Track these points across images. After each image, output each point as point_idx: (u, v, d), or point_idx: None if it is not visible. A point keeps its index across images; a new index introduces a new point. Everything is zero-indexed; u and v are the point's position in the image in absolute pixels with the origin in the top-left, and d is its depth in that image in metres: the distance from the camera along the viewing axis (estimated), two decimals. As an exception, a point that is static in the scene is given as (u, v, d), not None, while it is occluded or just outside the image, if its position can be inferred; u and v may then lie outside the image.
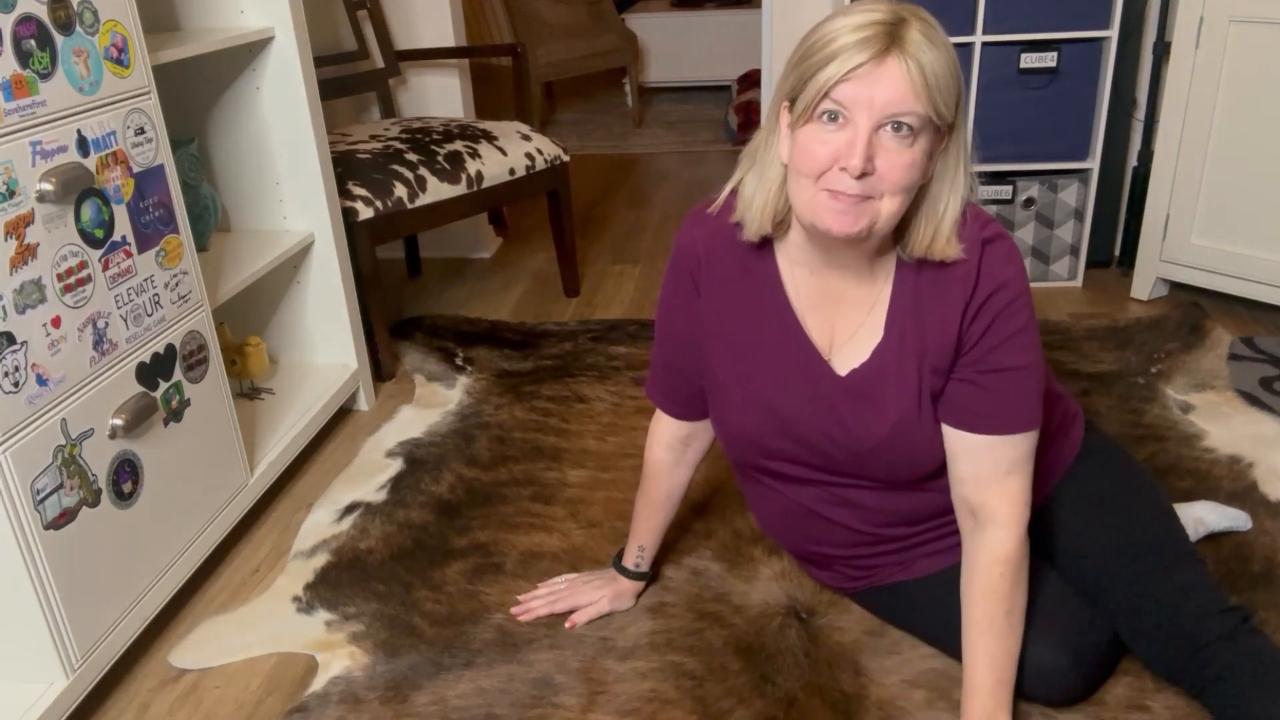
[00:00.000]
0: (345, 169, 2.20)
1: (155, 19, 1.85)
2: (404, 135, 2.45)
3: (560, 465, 1.91)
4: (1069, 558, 1.29)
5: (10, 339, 1.20)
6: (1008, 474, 1.17)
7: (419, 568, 1.62)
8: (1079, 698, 1.25)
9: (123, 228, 1.40)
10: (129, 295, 1.42)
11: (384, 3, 2.87)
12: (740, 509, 1.70)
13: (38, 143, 1.24)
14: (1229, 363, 2.15)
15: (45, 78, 1.25)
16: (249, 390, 2.04)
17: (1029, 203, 2.58)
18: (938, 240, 1.12)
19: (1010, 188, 2.57)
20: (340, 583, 1.60)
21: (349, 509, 1.80)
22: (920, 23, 1.03)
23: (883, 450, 1.21)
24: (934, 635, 1.35)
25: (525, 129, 2.61)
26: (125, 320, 1.41)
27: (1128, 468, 1.36)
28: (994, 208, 2.58)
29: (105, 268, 1.36)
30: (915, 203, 1.11)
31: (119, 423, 1.37)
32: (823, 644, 1.40)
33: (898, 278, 1.19)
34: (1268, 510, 1.63)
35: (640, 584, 1.51)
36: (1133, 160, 2.65)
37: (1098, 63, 2.43)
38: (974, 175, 1.13)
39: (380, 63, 2.85)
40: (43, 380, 1.25)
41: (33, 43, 1.23)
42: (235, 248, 1.96)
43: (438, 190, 2.31)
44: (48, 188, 1.24)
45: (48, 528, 1.26)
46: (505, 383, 2.25)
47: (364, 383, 2.18)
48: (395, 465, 1.94)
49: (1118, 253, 2.75)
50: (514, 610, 1.50)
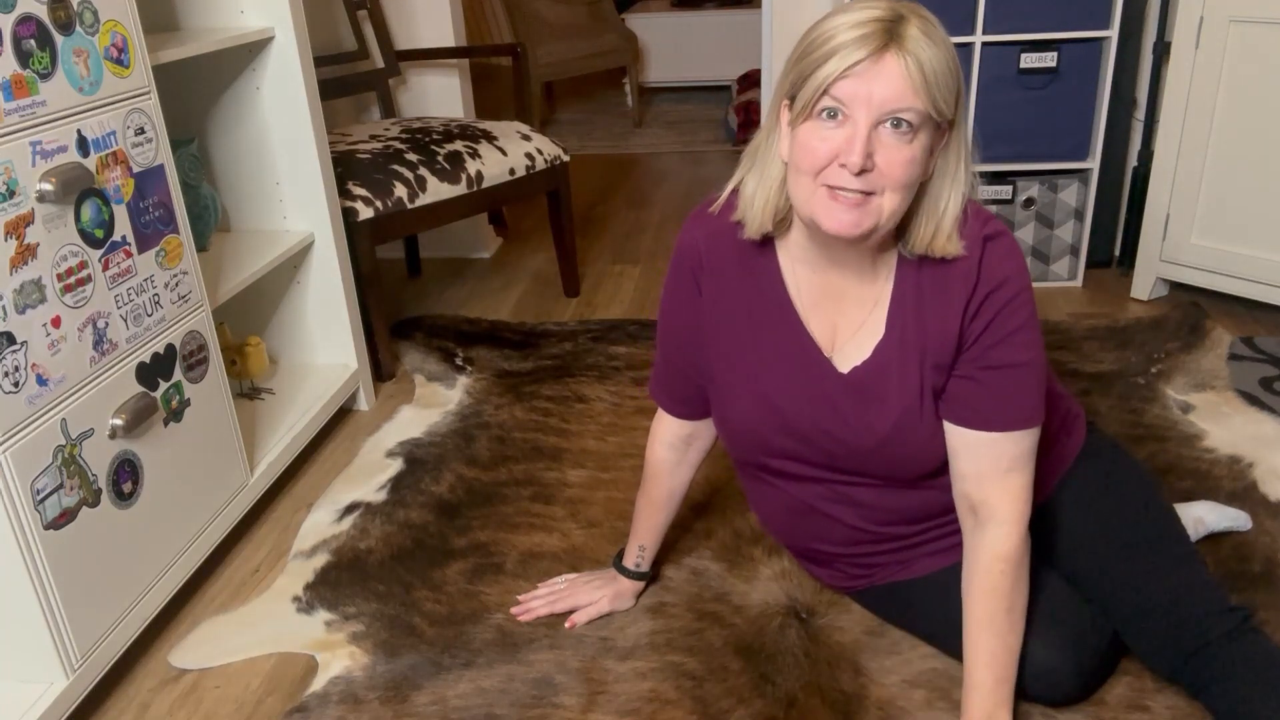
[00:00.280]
0: (345, 169, 2.20)
1: (155, 19, 1.85)
2: (404, 135, 2.45)
3: (560, 465, 1.91)
4: (1069, 558, 1.29)
5: (10, 339, 1.20)
6: (1009, 471, 1.17)
7: (419, 568, 1.62)
8: (1079, 698, 1.25)
9: (123, 228, 1.40)
10: (129, 295, 1.42)
11: (384, 3, 2.87)
12: (740, 509, 1.70)
13: (38, 143, 1.24)
14: (1229, 363, 2.15)
15: (45, 78, 1.25)
16: (249, 390, 2.04)
17: (1029, 203, 2.58)
18: (939, 237, 1.12)
19: (1010, 188, 2.57)
20: (340, 583, 1.60)
21: (349, 509, 1.80)
22: (919, 20, 1.03)
23: (884, 447, 1.21)
24: (934, 635, 1.35)
25: (525, 129, 2.61)
26: (125, 320, 1.41)
27: (1128, 468, 1.36)
28: (994, 208, 2.58)
29: (105, 268, 1.36)
30: (916, 199, 1.11)
31: (119, 423, 1.37)
32: (823, 644, 1.40)
33: (899, 275, 1.19)
34: (1268, 510, 1.63)
35: (640, 584, 1.51)
36: (1133, 160, 2.65)
37: (1098, 63, 2.43)
38: (975, 173, 1.14)
39: (380, 63, 2.85)
40: (43, 380, 1.25)
41: (33, 43, 1.23)
42: (235, 248, 1.96)
43: (438, 190, 2.31)
44: (48, 188, 1.24)
45: (48, 528, 1.26)
46: (505, 383, 2.25)
47: (364, 383, 2.18)
48: (395, 465, 1.94)
49: (1118, 253, 2.75)
50: (514, 610, 1.50)
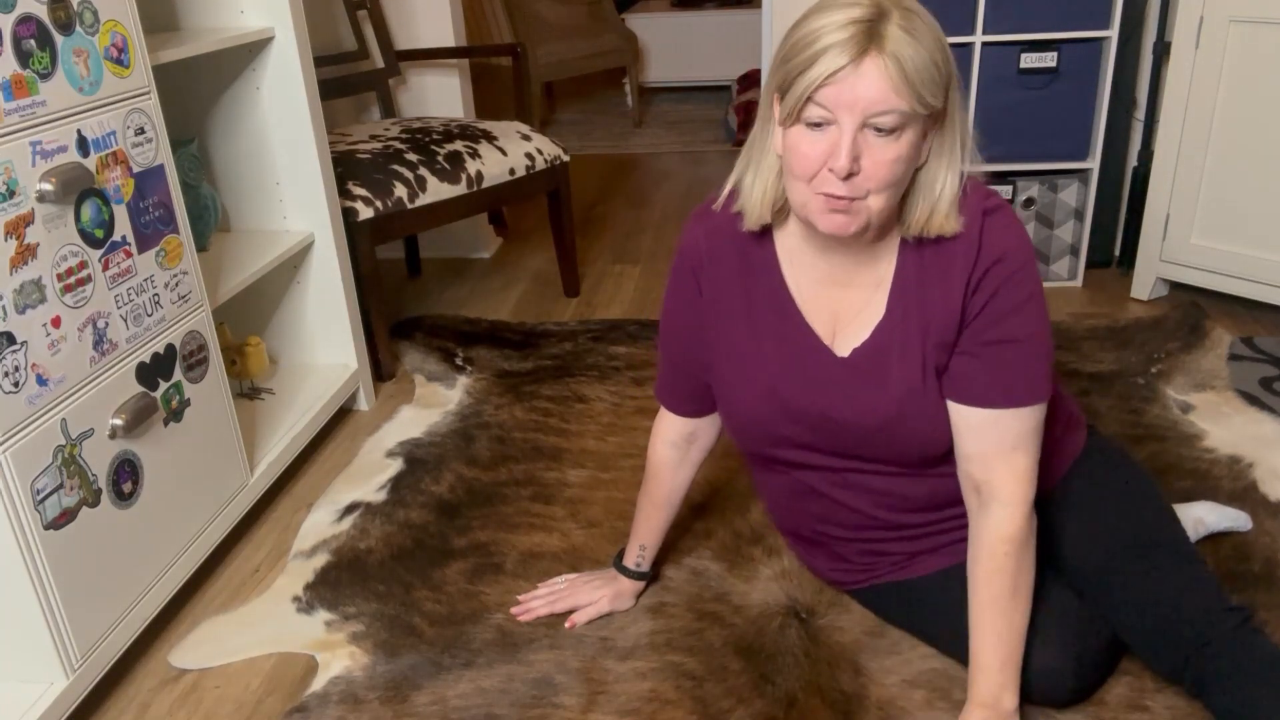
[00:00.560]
0: (345, 169, 2.20)
1: (155, 19, 1.85)
2: (404, 135, 2.45)
3: (560, 465, 1.91)
4: (1069, 558, 1.29)
5: (10, 339, 1.20)
6: (1013, 449, 1.17)
7: (419, 568, 1.62)
8: (1079, 698, 1.25)
9: (123, 228, 1.40)
10: (129, 295, 1.42)
11: (384, 3, 2.87)
12: (740, 509, 1.70)
13: (38, 143, 1.24)
14: (1229, 363, 2.15)
15: (45, 78, 1.25)
16: (249, 390, 2.04)
17: (1029, 203, 2.58)
18: (935, 217, 1.13)
19: (1010, 188, 2.56)
20: (340, 583, 1.60)
21: (349, 509, 1.80)
22: (901, 13, 1.02)
23: (889, 427, 1.21)
24: (934, 634, 1.35)
25: (525, 129, 2.61)
26: (125, 320, 1.41)
27: (1128, 469, 1.36)
28: (994, 208, 2.58)
29: (105, 268, 1.36)
30: (911, 183, 1.12)
31: (119, 423, 1.37)
32: (823, 644, 1.40)
33: (901, 256, 1.19)
34: (1268, 510, 1.63)
35: (641, 584, 1.51)
36: (1133, 160, 2.65)
37: (1098, 63, 2.43)
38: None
39: (380, 63, 2.84)
40: (43, 380, 1.25)
41: (33, 43, 1.23)
42: (235, 248, 1.96)
43: (438, 190, 2.31)
44: (48, 188, 1.24)
45: (48, 528, 1.26)
46: (505, 383, 2.25)
47: (364, 383, 2.18)
48: (395, 465, 1.94)
49: (1118, 253, 2.75)
50: (514, 610, 1.50)
